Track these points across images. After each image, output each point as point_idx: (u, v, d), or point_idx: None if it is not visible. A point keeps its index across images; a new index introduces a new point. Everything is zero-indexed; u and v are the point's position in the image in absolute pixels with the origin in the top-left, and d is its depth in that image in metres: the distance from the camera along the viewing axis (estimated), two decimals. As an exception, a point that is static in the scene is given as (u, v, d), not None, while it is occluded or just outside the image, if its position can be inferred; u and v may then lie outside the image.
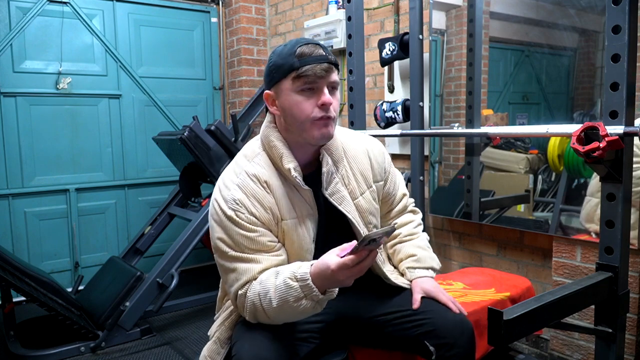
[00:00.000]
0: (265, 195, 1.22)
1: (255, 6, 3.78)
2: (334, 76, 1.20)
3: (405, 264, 1.44)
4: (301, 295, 1.10)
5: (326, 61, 1.17)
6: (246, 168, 1.25)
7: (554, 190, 2.14)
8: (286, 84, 1.18)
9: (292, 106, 1.19)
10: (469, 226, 2.45)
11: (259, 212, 1.21)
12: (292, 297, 1.11)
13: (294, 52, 1.17)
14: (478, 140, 2.36)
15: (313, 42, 1.19)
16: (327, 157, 1.27)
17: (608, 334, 1.34)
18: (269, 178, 1.24)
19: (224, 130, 2.95)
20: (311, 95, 1.18)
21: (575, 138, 1.28)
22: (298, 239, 1.25)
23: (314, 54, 1.17)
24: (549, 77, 2.24)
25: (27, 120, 3.17)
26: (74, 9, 3.27)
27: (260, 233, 1.20)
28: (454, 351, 1.25)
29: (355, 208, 1.31)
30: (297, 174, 1.22)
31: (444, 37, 2.51)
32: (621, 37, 1.28)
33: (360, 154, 1.36)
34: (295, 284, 1.10)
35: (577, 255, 1.90)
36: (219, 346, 1.31)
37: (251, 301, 1.16)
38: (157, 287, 2.69)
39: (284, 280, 1.12)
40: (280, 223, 1.24)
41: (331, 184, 1.28)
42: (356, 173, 1.33)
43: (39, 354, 2.42)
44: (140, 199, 3.62)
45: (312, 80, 1.16)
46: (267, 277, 1.17)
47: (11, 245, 3.15)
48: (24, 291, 2.37)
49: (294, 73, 1.16)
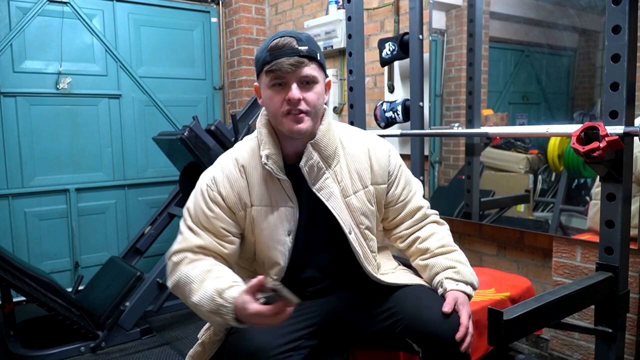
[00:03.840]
0: (239, 178, 1.25)
1: (255, 6, 3.78)
2: (306, 70, 1.17)
3: (445, 274, 1.30)
4: (217, 311, 1.12)
5: (296, 54, 1.15)
6: (234, 151, 1.31)
7: (554, 190, 2.14)
8: (263, 78, 1.21)
9: (266, 100, 1.22)
10: (469, 226, 2.45)
11: (227, 193, 1.24)
12: (208, 307, 1.13)
13: (267, 46, 1.17)
14: (478, 140, 2.36)
15: (290, 35, 1.18)
16: (313, 152, 1.25)
17: (608, 334, 1.34)
18: (247, 163, 1.27)
19: (224, 130, 2.95)
20: (281, 90, 1.18)
21: (575, 138, 1.28)
22: (268, 227, 1.25)
23: (285, 47, 1.15)
24: (549, 77, 2.24)
25: (27, 120, 3.17)
26: (74, 9, 3.27)
27: (216, 215, 1.24)
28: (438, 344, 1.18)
29: (346, 206, 1.28)
30: (272, 162, 1.22)
31: (444, 37, 2.51)
32: (621, 37, 1.28)
33: (360, 153, 1.33)
34: (218, 300, 1.11)
35: (577, 255, 1.90)
36: (203, 349, 1.31)
37: (178, 276, 1.21)
38: (157, 287, 2.69)
39: (212, 289, 1.13)
40: (249, 209, 1.25)
41: (320, 179, 1.26)
42: (352, 171, 1.30)
43: (39, 354, 2.42)
44: (140, 199, 3.62)
45: (279, 75, 1.16)
46: (200, 268, 1.19)
47: (11, 245, 3.15)
48: (24, 291, 2.37)
49: (266, 67, 1.17)
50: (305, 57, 1.17)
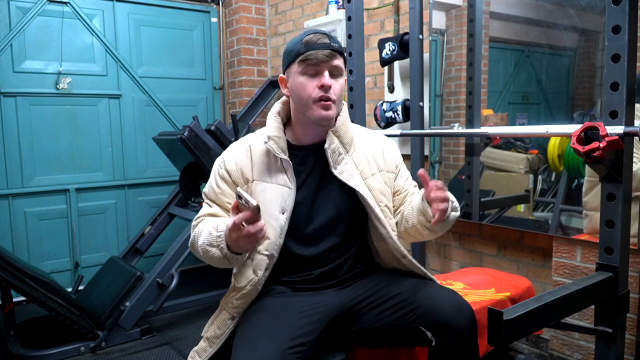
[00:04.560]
0: (243, 156, 1.40)
1: (255, 6, 3.78)
2: (336, 62, 1.32)
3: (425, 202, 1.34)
4: (214, 243, 1.26)
5: (329, 48, 1.29)
6: (246, 137, 1.47)
7: (554, 190, 2.14)
8: (294, 67, 1.32)
9: (297, 87, 1.33)
10: (469, 226, 2.45)
11: (231, 168, 1.39)
12: (207, 242, 1.28)
13: (301, 39, 1.31)
14: (478, 140, 2.36)
15: (321, 32, 1.32)
16: (334, 137, 1.37)
17: (608, 334, 1.35)
18: (253, 143, 1.41)
19: (224, 130, 2.95)
20: (314, 77, 1.31)
21: (575, 138, 1.28)
22: (265, 200, 1.34)
23: (319, 41, 1.30)
24: (549, 77, 2.24)
25: (27, 120, 3.17)
26: (74, 9, 3.27)
27: (222, 192, 1.39)
28: (453, 333, 1.23)
29: (366, 186, 1.37)
30: (273, 142, 1.35)
31: (444, 37, 2.51)
32: (621, 37, 1.28)
33: (373, 142, 1.47)
34: (213, 232, 1.26)
35: (577, 255, 1.90)
36: (207, 344, 1.35)
37: (193, 234, 1.36)
38: (157, 287, 2.69)
39: (211, 226, 1.29)
40: (250, 184, 1.37)
41: (340, 163, 1.37)
42: (368, 156, 1.42)
43: (39, 354, 2.42)
44: (140, 199, 3.62)
45: (314, 63, 1.29)
46: (207, 220, 1.36)
47: (11, 245, 3.15)
48: (24, 291, 2.37)
49: (300, 57, 1.30)
50: (336, 52, 1.31)
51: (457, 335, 1.23)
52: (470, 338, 1.25)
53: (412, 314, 1.28)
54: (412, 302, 1.29)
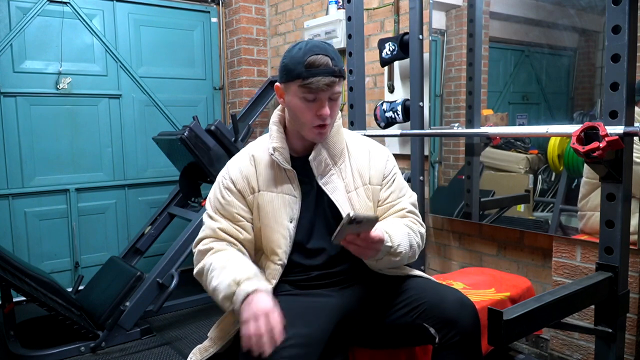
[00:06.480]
0: (248, 165, 1.39)
1: (255, 6, 3.78)
2: (337, 88, 1.29)
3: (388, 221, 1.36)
4: (231, 297, 1.19)
5: (331, 74, 1.25)
6: (248, 147, 1.46)
7: (554, 190, 2.14)
8: (293, 87, 1.28)
9: (295, 108, 1.31)
10: (469, 226, 2.45)
11: (236, 178, 1.38)
12: (224, 293, 1.21)
13: (304, 60, 1.25)
14: (478, 140, 2.36)
15: (324, 53, 1.26)
16: (322, 149, 1.37)
17: (608, 334, 1.35)
18: (257, 153, 1.40)
19: (224, 130, 2.95)
20: (313, 104, 1.28)
21: (575, 138, 1.28)
22: (273, 210, 1.35)
23: (322, 66, 1.25)
24: (549, 77, 2.24)
25: (27, 120, 3.17)
26: (74, 9, 3.27)
27: (229, 202, 1.37)
28: (457, 329, 1.23)
29: (348, 199, 1.38)
30: (279, 154, 1.35)
31: (444, 37, 2.51)
32: (621, 37, 1.28)
33: (361, 153, 1.45)
34: (234, 288, 1.19)
35: (577, 255, 1.90)
36: (210, 344, 1.35)
37: (203, 264, 1.33)
38: (157, 287, 2.69)
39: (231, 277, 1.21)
40: (256, 194, 1.37)
41: (326, 174, 1.38)
42: (354, 169, 1.41)
43: (39, 354, 2.42)
44: (140, 199, 3.62)
45: (315, 92, 1.26)
46: (222, 257, 1.29)
47: (11, 245, 3.15)
48: (24, 291, 2.37)
49: (300, 81, 1.26)
50: (338, 77, 1.28)
51: (460, 331, 1.23)
52: (473, 335, 1.26)
53: (418, 310, 1.29)
54: (419, 299, 1.30)
